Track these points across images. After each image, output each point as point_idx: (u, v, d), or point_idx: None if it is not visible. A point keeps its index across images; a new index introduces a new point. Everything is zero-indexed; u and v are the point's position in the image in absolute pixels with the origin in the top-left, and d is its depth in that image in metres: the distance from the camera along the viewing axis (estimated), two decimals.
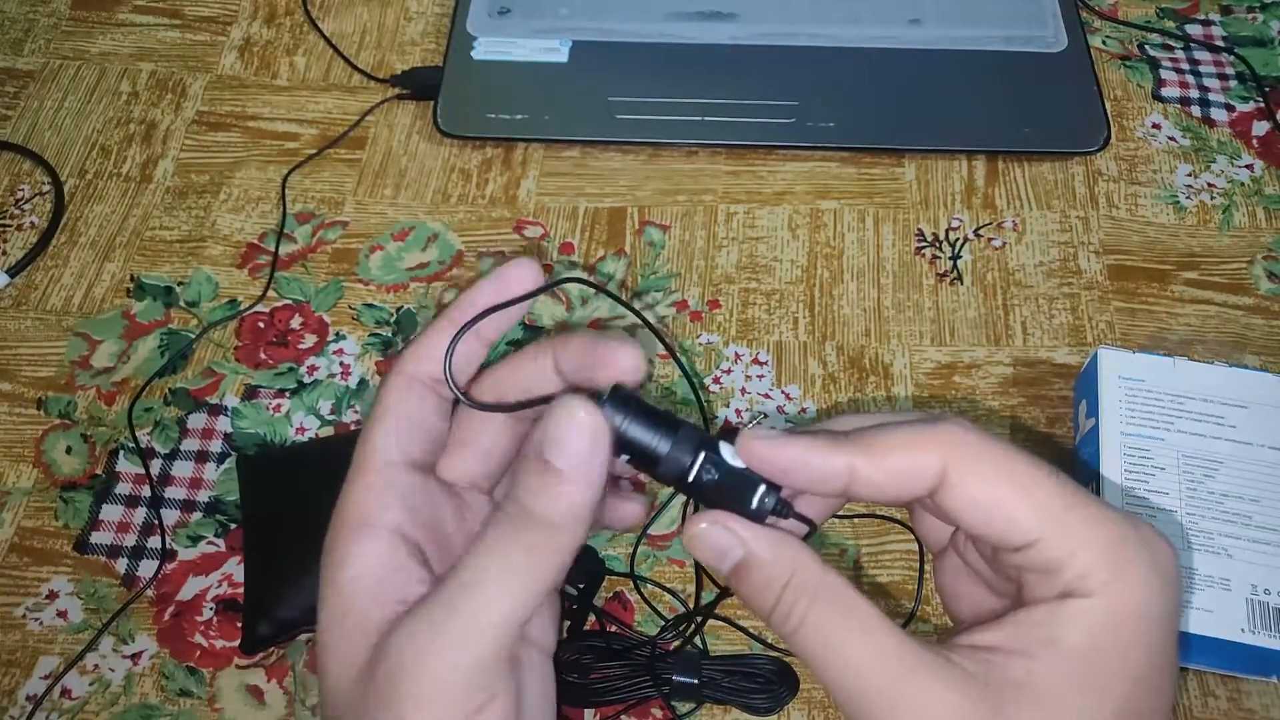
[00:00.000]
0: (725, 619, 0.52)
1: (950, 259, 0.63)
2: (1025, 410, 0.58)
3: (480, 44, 0.70)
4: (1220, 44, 0.72)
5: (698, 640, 0.51)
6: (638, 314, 0.38)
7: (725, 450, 0.27)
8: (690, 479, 0.26)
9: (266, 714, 0.50)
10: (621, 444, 0.26)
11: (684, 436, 0.26)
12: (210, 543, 0.54)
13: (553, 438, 0.25)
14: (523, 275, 0.29)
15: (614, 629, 0.52)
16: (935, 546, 0.30)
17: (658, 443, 0.26)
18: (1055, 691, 0.24)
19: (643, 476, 0.28)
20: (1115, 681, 0.24)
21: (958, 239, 0.64)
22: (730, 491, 0.26)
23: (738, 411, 0.58)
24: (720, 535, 0.26)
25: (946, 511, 0.26)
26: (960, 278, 0.62)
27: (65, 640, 0.52)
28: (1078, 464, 0.55)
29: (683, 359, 0.60)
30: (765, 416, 0.58)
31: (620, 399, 0.27)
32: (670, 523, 0.55)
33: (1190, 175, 0.66)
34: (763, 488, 0.26)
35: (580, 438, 0.25)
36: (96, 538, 0.55)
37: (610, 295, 0.32)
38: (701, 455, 0.26)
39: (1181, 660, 0.48)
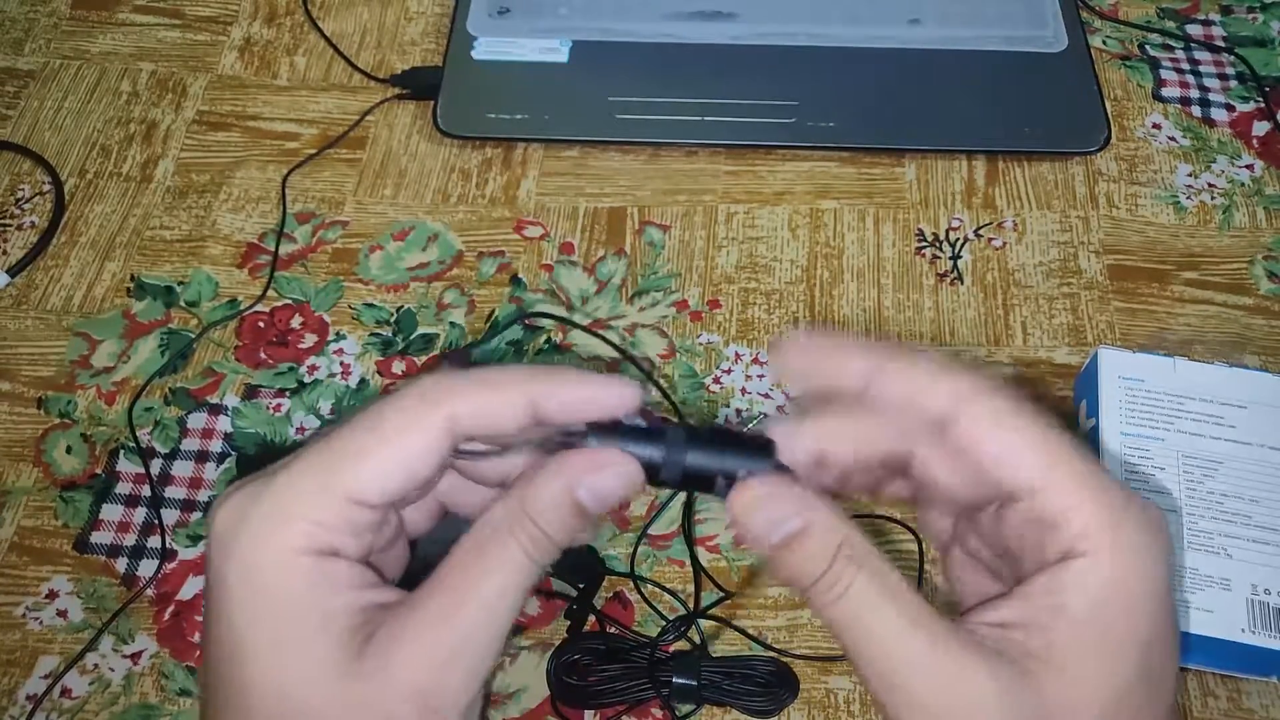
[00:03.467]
0: (725, 620, 0.52)
1: (950, 259, 0.63)
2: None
3: (480, 44, 0.70)
4: (1220, 44, 0.72)
5: (696, 641, 0.51)
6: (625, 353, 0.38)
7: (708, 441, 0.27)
8: (692, 472, 0.26)
9: None
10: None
11: (673, 438, 0.26)
12: None
13: (593, 487, 0.25)
14: (624, 400, 0.27)
15: (613, 630, 0.52)
16: (940, 539, 0.30)
17: (651, 453, 0.26)
18: (1073, 659, 0.24)
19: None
20: (1126, 645, 0.24)
21: (958, 239, 0.64)
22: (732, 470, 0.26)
23: (738, 411, 0.58)
24: (779, 503, 0.26)
25: (957, 450, 0.26)
26: (960, 278, 0.62)
27: (65, 640, 0.52)
28: None
29: (665, 386, 0.60)
30: (766, 417, 0.58)
31: (601, 431, 0.26)
32: (670, 523, 0.55)
33: (1190, 175, 0.66)
34: (768, 457, 0.26)
35: (621, 490, 0.25)
36: (96, 537, 0.55)
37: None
38: (695, 447, 0.26)
39: (1181, 660, 0.48)
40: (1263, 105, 0.68)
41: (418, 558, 0.30)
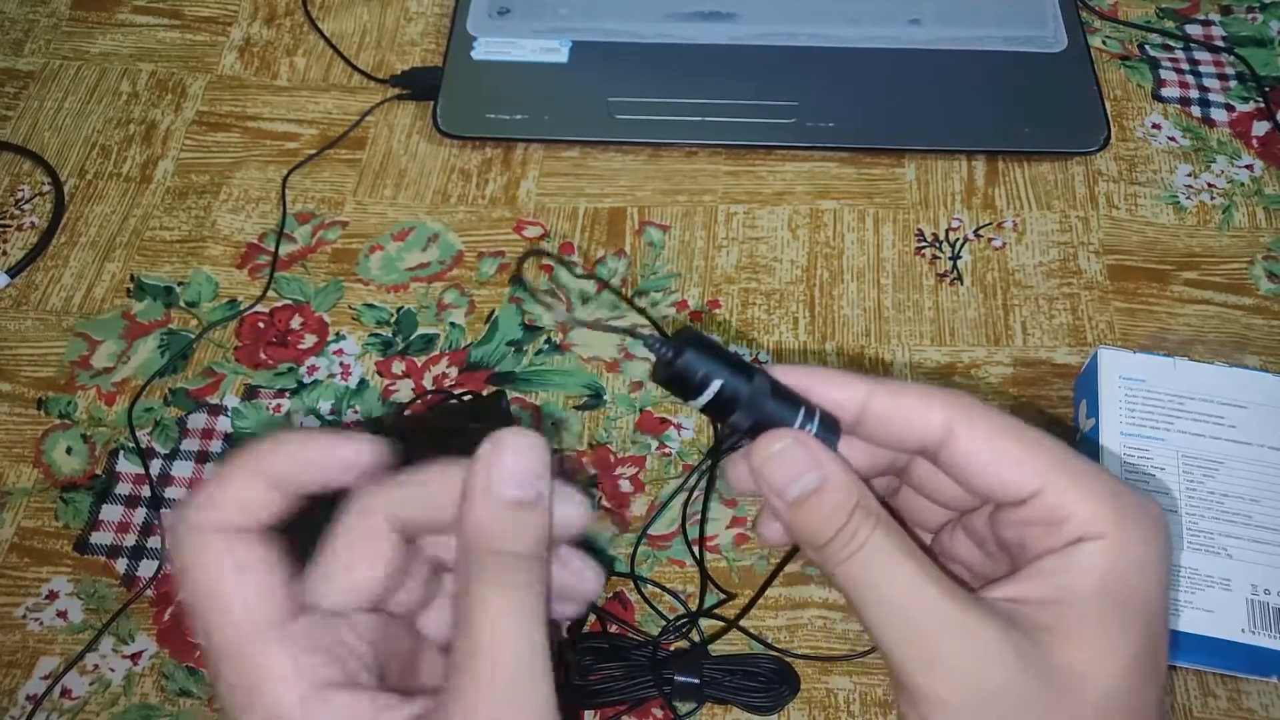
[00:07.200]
0: (725, 619, 0.52)
1: (950, 259, 0.63)
2: (1025, 410, 0.58)
3: (480, 44, 0.70)
4: (1220, 44, 0.72)
5: (697, 640, 0.51)
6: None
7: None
8: (767, 415, 0.26)
9: None
10: (706, 387, 0.26)
11: (759, 385, 0.26)
12: None
13: (509, 473, 0.24)
14: (356, 459, 0.26)
15: (615, 629, 0.52)
16: (926, 526, 0.31)
17: (735, 382, 0.26)
18: (1083, 630, 0.25)
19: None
20: (1132, 620, 0.25)
21: (958, 239, 0.64)
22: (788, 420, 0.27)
23: None
24: (799, 457, 0.26)
25: (952, 466, 0.27)
26: (960, 278, 0.62)
27: (65, 640, 0.52)
28: None
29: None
30: None
31: (691, 340, 0.26)
32: (670, 523, 0.55)
33: (1190, 175, 0.66)
34: (820, 415, 0.27)
35: (533, 462, 0.25)
36: (96, 538, 0.55)
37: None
38: (771, 388, 0.26)
39: (1183, 660, 0.48)
40: (1262, 105, 0.68)
41: None
